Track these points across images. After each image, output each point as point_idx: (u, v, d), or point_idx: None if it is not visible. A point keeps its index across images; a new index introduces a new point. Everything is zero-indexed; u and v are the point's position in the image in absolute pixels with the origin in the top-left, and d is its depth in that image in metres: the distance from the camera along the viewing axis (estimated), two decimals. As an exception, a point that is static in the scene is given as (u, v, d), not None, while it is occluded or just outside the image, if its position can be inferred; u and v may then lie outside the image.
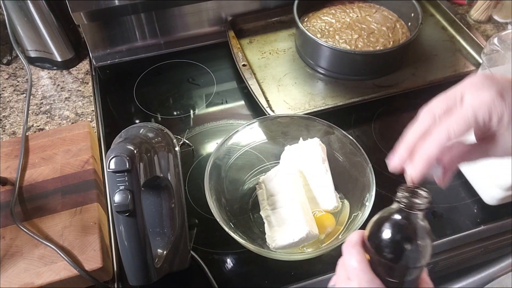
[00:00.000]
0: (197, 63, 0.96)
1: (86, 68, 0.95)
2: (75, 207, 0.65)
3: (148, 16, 0.95)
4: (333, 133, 0.71)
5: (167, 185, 0.58)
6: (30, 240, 0.61)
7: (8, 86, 0.91)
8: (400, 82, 0.88)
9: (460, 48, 0.95)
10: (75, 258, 0.59)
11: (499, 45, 0.65)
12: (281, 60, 0.93)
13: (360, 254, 0.39)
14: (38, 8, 0.84)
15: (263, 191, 0.69)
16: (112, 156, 0.49)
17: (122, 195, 0.49)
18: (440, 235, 0.68)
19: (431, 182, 0.39)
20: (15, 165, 0.69)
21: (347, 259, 0.40)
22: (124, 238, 0.51)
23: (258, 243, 0.64)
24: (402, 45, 0.86)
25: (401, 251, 0.37)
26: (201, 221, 0.70)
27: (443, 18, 1.02)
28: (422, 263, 0.38)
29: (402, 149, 0.40)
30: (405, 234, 0.38)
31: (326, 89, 0.88)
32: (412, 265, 0.38)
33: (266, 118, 0.76)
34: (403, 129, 0.45)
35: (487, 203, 0.71)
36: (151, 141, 0.57)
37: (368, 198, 0.62)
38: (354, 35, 0.90)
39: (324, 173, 0.67)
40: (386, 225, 0.38)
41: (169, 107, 0.88)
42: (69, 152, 0.72)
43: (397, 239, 0.37)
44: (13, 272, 0.58)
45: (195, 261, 0.64)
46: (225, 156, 0.71)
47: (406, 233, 0.38)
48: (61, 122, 0.84)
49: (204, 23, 1.00)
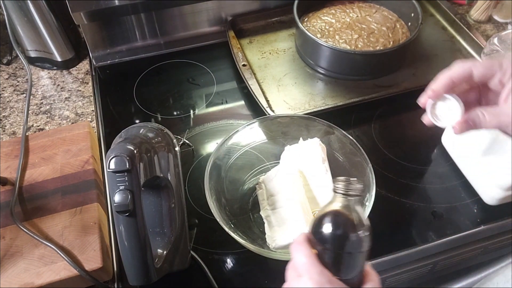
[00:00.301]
0: (197, 63, 0.96)
1: (86, 68, 0.95)
2: (75, 207, 0.65)
3: (148, 16, 0.95)
4: (333, 133, 0.71)
5: (167, 185, 0.58)
6: (30, 240, 0.61)
7: (8, 86, 0.91)
8: (400, 82, 0.88)
9: (460, 48, 0.95)
10: (75, 258, 0.59)
11: (499, 45, 0.65)
12: (281, 60, 0.93)
13: (307, 249, 0.41)
14: (38, 8, 0.84)
15: (263, 191, 0.69)
16: (112, 156, 0.49)
17: (122, 195, 0.49)
18: (440, 235, 0.68)
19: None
20: (15, 165, 0.69)
21: (296, 257, 0.41)
22: (124, 238, 0.51)
23: (258, 243, 0.64)
24: (402, 45, 0.86)
25: (341, 237, 0.40)
26: (201, 221, 0.70)
27: (443, 18, 1.02)
28: (364, 247, 0.40)
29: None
30: (342, 220, 0.40)
31: (326, 89, 0.88)
32: (353, 250, 0.40)
33: (266, 118, 0.76)
34: (403, 129, 0.46)
35: (487, 203, 0.71)
36: (151, 141, 0.57)
37: (368, 198, 0.62)
38: (354, 35, 0.90)
39: (324, 173, 0.67)
40: (325, 216, 0.41)
41: (169, 107, 0.88)
42: (69, 152, 0.72)
43: (336, 225, 0.40)
44: (13, 272, 0.58)
45: (195, 261, 0.64)
46: (225, 156, 0.71)
47: (344, 219, 0.40)
48: (61, 122, 0.84)
49: (204, 23, 1.00)
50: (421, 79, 0.89)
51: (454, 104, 0.47)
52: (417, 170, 0.77)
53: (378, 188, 0.63)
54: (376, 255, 0.65)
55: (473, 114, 0.45)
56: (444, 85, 0.46)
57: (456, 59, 0.93)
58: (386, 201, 0.72)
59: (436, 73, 0.81)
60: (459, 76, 0.46)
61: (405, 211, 0.71)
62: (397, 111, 0.87)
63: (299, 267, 0.40)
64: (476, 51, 0.92)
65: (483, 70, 0.45)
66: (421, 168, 0.77)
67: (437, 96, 0.47)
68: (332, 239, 0.40)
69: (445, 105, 0.48)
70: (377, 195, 0.62)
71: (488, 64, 0.45)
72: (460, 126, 0.46)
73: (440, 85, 0.46)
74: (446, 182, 0.75)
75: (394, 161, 0.78)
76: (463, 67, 0.45)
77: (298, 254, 0.41)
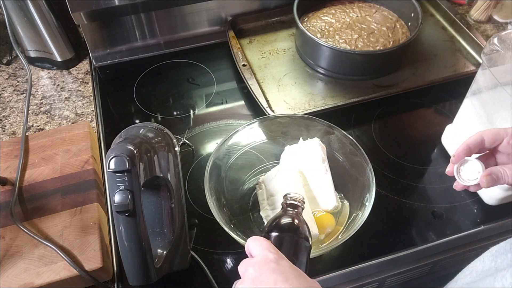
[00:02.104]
0: (197, 63, 0.96)
1: (86, 68, 0.95)
2: (75, 207, 0.65)
3: (148, 16, 0.95)
4: (333, 133, 0.71)
5: (167, 185, 0.58)
6: (30, 240, 0.61)
7: (8, 86, 0.91)
8: (400, 82, 0.88)
9: (460, 48, 0.95)
10: (75, 258, 0.59)
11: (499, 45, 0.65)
12: (281, 60, 0.93)
13: (262, 238, 0.47)
14: (38, 8, 0.84)
15: (263, 191, 0.69)
16: (112, 156, 0.49)
17: (122, 195, 0.49)
18: (440, 235, 0.68)
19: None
20: (15, 165, 0.69)
21: (252, 245, 0.46)
22: (124, 238, 0.51)
23: (258, 243, 0.64)
24: (402, 45, 0.86)
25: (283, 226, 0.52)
26: (201, 221, 0.70)
27: (443, 18, 1.02)
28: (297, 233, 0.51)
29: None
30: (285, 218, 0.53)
31: (326, 89, 0.88)
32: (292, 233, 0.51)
33: (266, 118, 0.76)
34: (403, 129, 0.47)
35: (487, 203, 0.71)
36: (151, 141, 0.57)
37: (368, 198, 0.62)
38: (354, 35, 0.90)
39: (324, 173, 0.67)
40: (275, 218, 0.53)
41: (169, 107, 0.88)
42: (69, 152, 0.72)
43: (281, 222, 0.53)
44: (13, 272, 0.58)
45: (195, 261, 0.64)
46: (225, 156, 0.71)
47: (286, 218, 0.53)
48: (61, 122, 0.84)
49: (204, 23, 1.00)
50: (421, 79, 0.89)
51: (476, 163, 0.55)
52: (417, 170, 0.77)
53: (378, 188, 0.63)
54: (376, 255, 0.65)
55: (495, 169, 0.52)
56: (463, 150, 0.55)
57: (456, 59, 0.94)
58: (386, 201, 0.72)
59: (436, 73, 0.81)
60: (473, 142, 0.54)
61: (405, 211, 0.71)
62: (397, 111, 0.87)
63: (256, 248, 0.46)
64: (476, 51, 0.92)
65: (492, 136, 0.54)
66: (421, 168, 0.77)
67: (459, 159, 0.56)
68: (280, 229, 0.51)
69: (468, 166, 0.56)
70: (377, 195, 0.62)
71: (496, 131, 0.54)
72: (486, 179, 0.52)
73: (460, 151, 0.55)
74: (446, 182, 0.75)
75: (394, 161, 0.78)
76: (475, 136, 0.54)
77: (254, 242, 0.46)
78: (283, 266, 0.43)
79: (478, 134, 0.55)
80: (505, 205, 0.70)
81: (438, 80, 0.88)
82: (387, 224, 0.70)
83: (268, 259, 0.43)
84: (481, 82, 0.67)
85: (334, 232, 0.65)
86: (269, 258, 0.43)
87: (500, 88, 0.61)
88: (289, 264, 0.44)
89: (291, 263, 0.44)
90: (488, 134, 0.54)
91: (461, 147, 0.55)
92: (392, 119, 0.86)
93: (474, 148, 0.55)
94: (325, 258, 0.65)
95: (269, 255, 0.44)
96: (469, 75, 0.87)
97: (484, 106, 0.68)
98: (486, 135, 0.54)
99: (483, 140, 0.54)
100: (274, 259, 0.43)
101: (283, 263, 0.43)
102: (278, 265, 0.43)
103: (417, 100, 0.88)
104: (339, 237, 0.63)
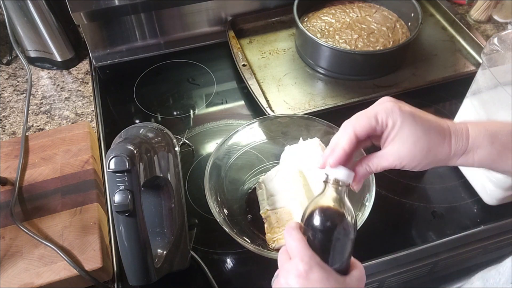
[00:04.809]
0: (197, 63, 0.96)
1: (86, 68, 0.95)
2: (75, 207, 0.65)
3: (148, 16, 0.95)
4: (333, 133, 0.70)
5: (167, 185, 0.58)
6: (30, 240, 0.61)
7: (8, 86, 0.91)
8: (400, 82, 0.88)
9: (460, 48, 0.95)
10: (75, 258, 0.59)
11: (499, 45, 0.65)
12: (281, 60, 0.93)
13: (299, 234, 0.43)
14: (38, 8, 0.84)
15: (263, 191, 0.69)
16: (112, 156, 0.49)
17: (122, 195, 0.49)
18: (440, 235, 0.68)
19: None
20: (15, 165, 0.69)
21: (288, 241, 0.43)
22: (124, 238, 0.51)
23: (258, 243, 0.64)
24: (402, 45, 0.86)
25: (329, 225, 0.42)
26: (201, 221, 0.70)
27: (443, 18, 1.02)
28: (350, 235, 0.42)
29: (326, 150, 0.47)
30: (331, 210, 0.43)
31: (326, 89, 0.88)
32: (341, 237, 0.42)
33: (266, 118, 0.76)
34: None
35: (487, 203, 0.71)
36: (151, 141, 0.57)
37: (368, 198, 0.62)
38: (354, 35, 0.90)
39: (324, 173, 0.67)
40: (316, 205, 0.43)
41: (169, 107, 0.88)
42: (69, 152, 0.72)
43: (325, 214, 0.43)
44: (13, 272, 0.58)
45: (195, 261, 0.64)
46: (225, 156, 0.71)
47: (332, 209, 0.43)
48: (61, 122, 0.84)
49: (204, 23, 1.00)
50: (421, 79, 0.89)
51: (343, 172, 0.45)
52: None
53: (378, 188, 0.63)
54: (376, 255, 0.65)
55: (361, 170, 0.46)
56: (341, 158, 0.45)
57: (456, 59, 0.94)
58: (386, 201, 0.72)
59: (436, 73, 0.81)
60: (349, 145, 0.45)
61: (405, 211, 0.71)
62: (397, 111, 0.86)
63: (291, 250, 0.42)
64: (476, 51, 0.92)
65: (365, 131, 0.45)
66: (421, 168, 0.77)
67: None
68: (321, 226, 0.42)
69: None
70: (377, 195, 0.62)
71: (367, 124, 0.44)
72: (357, 187, 0.47)
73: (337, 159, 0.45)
74: (446, 182, 0.75)
75: (394, 161, 0.77)
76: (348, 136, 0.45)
77: (290, 238, 0.43)
78: (313, 281, 0.40)
79: (350, 133, 0.44)
80: (505, 205, 0.70)
81: (438, 80, 0.88)
82: (387, 224, 0.70)
83: (298, 271, 0.40)
84: (481, 82, 0.67)
85: (334, 232, 0.65)
86: (299, 270, 0.40)
87: (500, 88, 0.61)
88: (320, 276, 0.40)
89: (326, 268, 0.41)
90: (360, 130, 0.44)
91: (339, 155, 0.44)
92: (392, 119, 0.86)
93: (351, 151, 0.45)
94: (325, 258, 0.65)
95: (299, 266, 0.40)
96: (469, 75, 0.87)
97: (484, 106, 0.68)
98: (359, 132, 0.44)
99: (357, 138, 0.44)
100: (304, 272, 0.40)
101: (314, 276, 0.40)
102: (307, 280, 0.40)
103: (417, 100, 0.88)
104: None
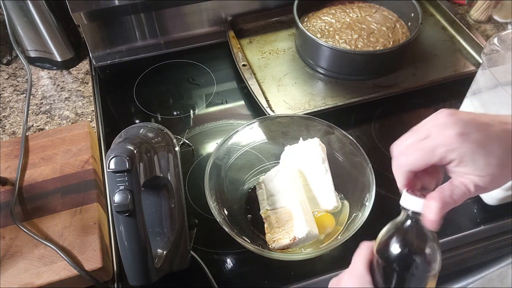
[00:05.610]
0: (197, 63, 0.96)
1: (86, 68, 0.95)
2: (75, 207, 0.65)
3: (148, 16, 0.95)
4: (333, 133, 0.71)
5: (167, 185, 0.58)
6: (30, 240, 0.61)
7: (8, 86, 0.91)
8: (400, 82, 0.88)
9: (460, 48, 0.95)
10: (75, 258, 0.59)
11: (499, 45, 0.65)
12: (281, 60, 0.93)
13: (363, 250, 0.40)
14: (38, 8, 0.84)
15: (263, 191, 0.69)
16: (112, 156, 0.49)
17: (122, 195, 0.49)
18: (440, 235, 0.68)
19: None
20: (15, 165, 0.69)
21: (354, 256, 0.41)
22: (124, 238, 0.51)
23: (258, 243, 0.64)
24: (402, 45, 0.86)
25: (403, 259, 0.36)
26: (201, 221, 0.70)
27: (443, 18, 1.02)
28: (431, 271, 0.36)
29: None
30: (407, 242, 0.38)
31: (326, 89, 0.88)
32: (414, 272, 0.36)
33: (266, 118, 0.76)
34: (403, 129, 0.46)
35: (487, 203, 0.71)
36: (151, 141, 0.57)
37: (368, 198, 0.62)
38: (354, 35, 0.90)
39: (324, 173, 0.67)
40: (390, 235, 0.39)
41: (169, 107, 0.88)
42: (69, 152, 0.72)
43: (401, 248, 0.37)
44: (13, 272, 0.58)
45: (195, 261, 0.64)
46: (225, 156, 0.71)
47: (409, 240, 0.38)
48: (61, 122, 0.84)
49: (204, 23, 1.00)
50: (421, 79, 0.89)
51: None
52: (417, 170, 0.77)
53: (378, 188, 0.63)
54: (376, 255, 0.65)
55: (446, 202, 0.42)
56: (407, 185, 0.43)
57: (456, 59, 0.94)
58: (386, 201, 0.72)
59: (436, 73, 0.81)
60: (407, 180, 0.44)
61: (405, 211, 0.71)
62: (397, 111, 0.86)
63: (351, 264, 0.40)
64: (476, 51, 0.92)
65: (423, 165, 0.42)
66: (421, 168, 0.77)
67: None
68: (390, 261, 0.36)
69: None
70: (377, 195, 0.62)
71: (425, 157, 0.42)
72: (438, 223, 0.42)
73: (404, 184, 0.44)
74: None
75: (394, 161, 0.77)
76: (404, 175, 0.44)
77: (356, 253, 0.41)
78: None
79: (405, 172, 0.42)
80: (505, 205, 0.70)
81: (438, 80, 0.88)
82: (387, 224, 0.70)
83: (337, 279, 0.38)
84: (481, 82, 0.67)
85: (334, 232, 0.65)
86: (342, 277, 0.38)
87: (500, 88, 0.61)
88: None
89: None
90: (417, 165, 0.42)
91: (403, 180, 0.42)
92: (392, 119, 0.86)
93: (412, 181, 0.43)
94: (325, 258, 0.65)
95: (344, 276, 0.38)
96: (469, 75, 0.87)
97: (484, 106, 0.68)
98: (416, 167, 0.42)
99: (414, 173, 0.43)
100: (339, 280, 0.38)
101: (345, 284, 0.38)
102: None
103: (417, 100, 0.88)
104: (339, 237, 0.63)
